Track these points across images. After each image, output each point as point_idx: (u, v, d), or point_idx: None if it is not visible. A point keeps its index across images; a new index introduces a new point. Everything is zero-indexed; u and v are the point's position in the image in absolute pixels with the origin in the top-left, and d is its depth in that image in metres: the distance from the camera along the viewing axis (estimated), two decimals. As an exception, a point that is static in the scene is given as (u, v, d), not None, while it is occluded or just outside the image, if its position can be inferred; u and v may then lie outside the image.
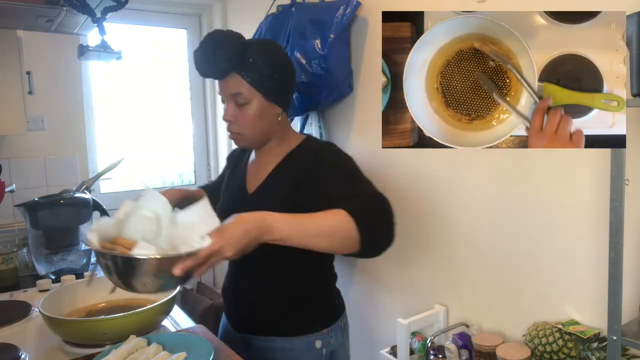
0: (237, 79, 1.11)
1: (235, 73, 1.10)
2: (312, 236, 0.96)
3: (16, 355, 0.98)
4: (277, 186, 1.18)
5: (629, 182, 1.01)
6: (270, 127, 1.18)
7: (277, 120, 1.17)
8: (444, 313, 1.62)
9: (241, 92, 1.11)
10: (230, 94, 1.13)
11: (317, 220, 0.97)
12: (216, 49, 1.07)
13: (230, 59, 1.08)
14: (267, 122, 1.16)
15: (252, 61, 1.09)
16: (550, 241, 1.32)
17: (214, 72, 1.11)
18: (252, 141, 1.19)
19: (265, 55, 1.11)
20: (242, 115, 1.14)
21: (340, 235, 0.96)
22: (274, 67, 1.11)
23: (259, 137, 1.18)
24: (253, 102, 1.12)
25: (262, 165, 1.24)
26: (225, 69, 1.10)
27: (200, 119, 3.15)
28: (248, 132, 1.16)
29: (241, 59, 1.09)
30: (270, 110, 1.15)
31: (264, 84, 1.11)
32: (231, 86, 1.12)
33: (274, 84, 1.12)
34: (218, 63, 1.08)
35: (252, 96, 1.12)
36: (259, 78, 1.10)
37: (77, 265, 1.56)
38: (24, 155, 2.49)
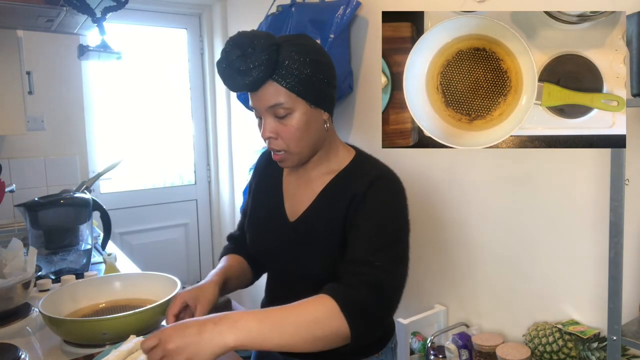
0: (274, 87, 0.93)
1: (270, 81, 0.93)
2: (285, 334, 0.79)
3: (16, 355, 0.97)
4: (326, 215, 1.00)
5: (629, 182, 1.01)
6: (319, 137, 1.00)
7: (325, 127, 1.00)
8: (444, 313, 1.62)
9: (281, 102, 0.94)
10: (268, 107, 0.95)
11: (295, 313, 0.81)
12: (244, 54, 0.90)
13: (264, 66, 0.90)
14: (316, 132, 0.99)
15: (288, 63, 0.92)
16: (550, 241, 1.32)
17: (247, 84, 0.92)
18: (301, 158, 1.00)
19: (303, 53, 0.93)
20: (285, 129, 0.96)
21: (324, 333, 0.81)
22: (313, 66, 0.94)
23: (308, 152, 1.00)
24: (296, 111, 0.95)
25: (305, 185, 1.06)
26: (259, 79, 0.92)
27: (200, 119, 3.16)
28: (295, 148, 0.98)
29: (275, 62, 0.92)
30: (317, 117, 0.98)
31: (306, 88, 0.94)
32: (268, 97, 0.94)
33: (317, 85, 0.95)
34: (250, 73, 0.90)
35: (295, 104, 0.94)
36: (299, 82, 0.93)
37: (77, 265, 1.56)
38: (24, 155, 2.50)
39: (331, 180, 1.02)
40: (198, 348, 0.75)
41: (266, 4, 2.16)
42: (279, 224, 1.06)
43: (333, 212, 0.98)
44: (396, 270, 0.92)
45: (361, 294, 0.85)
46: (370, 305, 0.85)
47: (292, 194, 1.08)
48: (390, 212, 0.96)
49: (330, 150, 1.04)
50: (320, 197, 1.02)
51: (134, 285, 1.24)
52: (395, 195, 0.98)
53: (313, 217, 1.01)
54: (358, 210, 0.95)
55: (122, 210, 2.81)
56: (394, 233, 0.95)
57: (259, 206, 1.13)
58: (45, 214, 1.54)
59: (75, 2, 1.37)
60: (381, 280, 0.87)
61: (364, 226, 0.93)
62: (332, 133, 1.04)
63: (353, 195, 0.96)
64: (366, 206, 0.95)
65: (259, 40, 0.91)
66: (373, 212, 0.94)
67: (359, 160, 1.05)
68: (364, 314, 0.84)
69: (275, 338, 0.78)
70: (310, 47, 0.96)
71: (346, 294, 0.84)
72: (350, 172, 1.02)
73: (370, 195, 0.95)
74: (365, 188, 0.95)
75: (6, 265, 1.22)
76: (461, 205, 1.55)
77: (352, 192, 0.97)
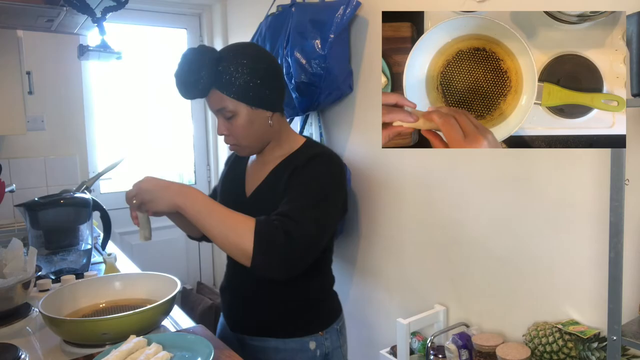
0: (217, 94, 1.10)
1: (214, 89, 1.10)
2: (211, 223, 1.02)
3: (16, 355, 0.97)
4: (273, 190, 1.16)
5: (629, 182, 1.01)
6: (265, 132, 1.17)
7: (268, 123, 1.16)
8: (444, 313, 1.62)
9: (225, 107, 1.11)
10: (215, 110, 1.13)
11: (227, 215, 1.03)
12: (190, 69, 1.08)
13: (206, 77, 1.08)
14: (260, 129, 1.15)
15: (226, 73, 1.08)
16: (550, 241, 1.32)
17: (194, 93, 1.11)
18: (251, 149, 1.20)
19: (238, 63, 1.09)
20: (233, 128, 1.14)
21: (234, 240, 1.01)
22: (250, 74, 1.09)
23: (257, 144, 1.19)
24: (240, 113, 1.12)
25: (260, 168, 1.23)
26: (203, 88, 1.09)
27: (200, 119, 3.16)
28: (244, 142, 1.16)
29: (216, 73, 1.09)
30: (259, 117, 1.14)
31: (245, 93, 1.10)
32: (214, 102, 1.12)
33: (256, 90, 1.11)
34: (195, 84, 1.08)
35: (237, 107, 1.11)
36: (238, 89, 1.09)
37: (77, 265, 1.56)
38: (24, 155, 2.50)
39: (281, 161, 1.19)
40: (159, 197, 1.03)
41: (266, 4, 2.16)
42: (238, 199, 1.23)
43: (279, 184, 1.14)
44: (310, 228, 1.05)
45: (276, 233, 1.00)
46: (278, 244, 1.00)
47: (251, 174, 1.26)
48: (319, 181, 1.11)
49: (282, 141, 1.21)
50: (270, 174, 1.19)
51: (134, 285, 1.24)
52: (327, 169, 1.14)
53: (264, 190, 1.18)
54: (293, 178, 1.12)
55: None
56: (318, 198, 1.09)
57: (226, 187, 1.33)
58: (45, 214, 1.54)
59: (75, 2, 1.37)
60: (295, 232, 1.02)
61: (295, 189, 1.10)
62: (280, 127, 1.20)
63: (294, 168, 1.13)
64: (301, 174, 1.12)
65: (203, 55, 1.09)
66: (304, 179, 1.11)
67: (308, 144, 1.22)
68: (270, 246, 1.00)
69: (202, 220, 1.02)
70: (248, 55, 1.11)
71: (266, 227, 1.01)
72: (297, 153, 1.19)
73: (307, 167, 1.12)
74: (305, 161, 1.13)
75: (6, 265, 1.22)
76: (461, 205, 1.55)
77: (294, 165, 1.14)
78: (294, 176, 1.12)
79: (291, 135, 1.23)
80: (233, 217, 1.03)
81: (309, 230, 1.04)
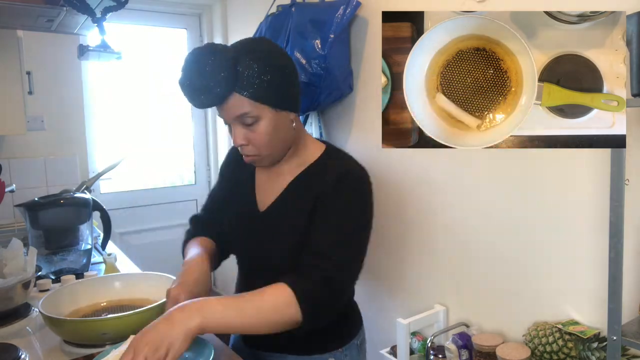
0: (238, 98, 0.94)
1: (233, 93, 0.94)
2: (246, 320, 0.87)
3: (16, 355, 0.97)
4: (291, 207, 1.04)
5: (629, 182, 1.01)
6: (289, 137, 1.03)
7: (292, 126, 1.03)
8: (444, 313, 1.62)
9: (247, 112, 0.95)
10: (234, 117, 0.97)
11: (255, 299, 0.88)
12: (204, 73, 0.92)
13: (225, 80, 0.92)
14: (285, 133, 1.01)
15: (247, 74, 0.93)
16: (550, 241, 1.32)
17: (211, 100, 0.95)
18: (272, 159, 1.04)
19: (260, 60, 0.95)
20: (255, 135, 0.98)
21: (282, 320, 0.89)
22: (272, 71, 0.95)
23: (279, 152, 1.04)
24: (263, 118, 0.97)
25: (275, 179, 1.09)
26: (222, 94, 0.93)
27: (200, 119, 3.16)
28: (267, 151, 1.01)
29: (235, 75, 0.93)
30: (284, 119, 1.00)
31: (268, 94, 0.95)
32: (234, 108, 0.96)
33: (279, 89, 0.97)
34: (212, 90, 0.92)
35: (260, 111, 0.96)
36: (260, 89, 0.94)
37: (77, 265, 1.56)
38: (24, 155, 2.50)
39: (300, 173, 1.06)
40: (172, 337, 0.79)
41: (266, 4, 2.16)
42: (249, 214, 1.11)
43: (300, 203, 1.02)
44: (351, 267, 0.98)
45: (316, 286, 0.90)
46: (322, 297, 0.91)
47: (263, 186, 1.12)
48: (353, 210, 1.00)
49: (299, 145, 1.07)
50: (288, 189, 1.06)
51: (134, 285, 1.24)
52: (360, 193, 1.02)
53: (281, 207, 1.06)
54: (325, 205, 0.99)
55: (122, 210, 2.81)
56: (355, 231, 0.99)
57: (233, 198, 1.18)
58: (45, 214, 1.54)
59: (75, 2, 1.37)
60: (336, 276, 0.93)
61: (328, 221, 0.98)
62: (300, 129, 1.07)
63: (320, 191, 1.00)
64: (331, 202, 0.99)
65: (216, 56, 0.92)
66: (337, 209, 0.99)
67: (329, 154, 1.09)
68: (316, 304, 0.90)
69: (237, 322, 0.86)
70: (266, 52, 0.97)
71: (303, 285, 0.90)
72: (319, 166, 1.06)
73: (337, 192, 0.99)
74: (333, 184, 1.00)
75: (6, 265, 1.22)
76: (461, 205, 1.55)
77: (320, 187, 1.01)
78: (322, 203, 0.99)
79: (309, 140, 1.10)
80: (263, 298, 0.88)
81: (348, 268, 0.96)
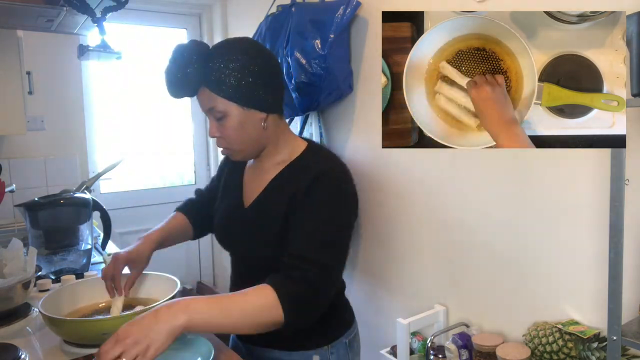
0: (207, 93, 1.01)
1: (203, 87, 1.01)
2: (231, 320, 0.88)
3: (16, 355, 0.97)
4: (272, 202, 1.08)
5: (629, 182, 1.01)
6: (258, 136, 1.07)
7: (261, 126, 1.05)
8: (444, 313, 1.62)
9: (214, 106, 1.02)
10: (205, 110, 1.05)
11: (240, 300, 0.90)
12: (178, 66, 0.98)
13: (194, 73, 0.98)
14: (253, 132, 1.05)
15: (216, 70, 0.98)
16: (550, 241, 1.32)
17: (182, 91, 1.02)
18: (244, 154, 1.10)
19: (230, 59, 0.99)
20: (224, 130, 1.04)
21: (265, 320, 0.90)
22: (242, 70, 0.99)
23: (250, 149, 1.09)
24: (230, 114, 1.02)
25: (259, 176, 1.14)
26: (191, 86, 1.00)
27: (200, 119, 3.15)
28: (236, 146, 1.07)
29: (205, 69, 0.99)
30: (251, 118, 1.04)
31: (236, 92, 1.00)
32: (203, 102, 1.04)
33: (248, 89, 1.00)
34: (182, 81, 0.99)
35: (227, 108, 1.01)
36: (228, 87, 0.99)
37: (77, 265, 1.56)
38: (24, 155, 2.50)
39: (281, 170, 1.10)
40: (154, 333, 0.79)
41: (266, 4, 2.16)
42: (236, 210, 1.16)
43: (280, 199, 1.05)
44: (334, 267, 1.00)
45: (298, 287, 0.92)
46: (305, 299, 0.93)
47: (249, 183, 1.17)
48: (331, 210, 1.01)
49: (279, 143, 1.11)
50: (270, 185, 1.10)
51: (134, 285, 1.24)
52: (339, 192, 1.04)
53: (263, 203, 1.10)
54: (303, 203, 1.01)
55: (122, 210, 2.81)
56: (337, 231, 1.01)
57: (224, 196, 1.24)
58: (45, 214, 1.54)
59: (75, 2, 1.37)
60: (319, 278, 0.94)
61: (308, 221, 1.00)
62: (277, 129, 1.10)
63: (297, 188, 1.02)
64: (310, 201, 1.01)
65: (193, 50, 0.99)
66: (317, 209, 1.01)
67: (310, 152, 1.12)
68: (299, 306, 0.92)
69: (222, 322, 0.86)
70: (241, 51, 1.01)
71: (286, 287, 0.91)
72: (299, 163, 1.09)
73: (314, 191, 1.01)
74: (309, 182, 1.01)
75: (6, 265, 1.22)
76: (461, 205, 1.55)
77: (296, 185, 1.03)
78: (299, 201, 1.01)
79: (290, 139, 1.14)
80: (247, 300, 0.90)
81: (330, 269, 0.97)
